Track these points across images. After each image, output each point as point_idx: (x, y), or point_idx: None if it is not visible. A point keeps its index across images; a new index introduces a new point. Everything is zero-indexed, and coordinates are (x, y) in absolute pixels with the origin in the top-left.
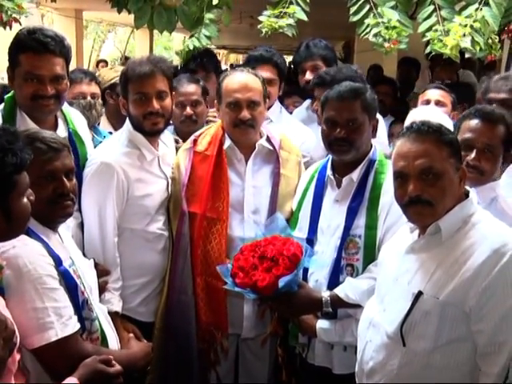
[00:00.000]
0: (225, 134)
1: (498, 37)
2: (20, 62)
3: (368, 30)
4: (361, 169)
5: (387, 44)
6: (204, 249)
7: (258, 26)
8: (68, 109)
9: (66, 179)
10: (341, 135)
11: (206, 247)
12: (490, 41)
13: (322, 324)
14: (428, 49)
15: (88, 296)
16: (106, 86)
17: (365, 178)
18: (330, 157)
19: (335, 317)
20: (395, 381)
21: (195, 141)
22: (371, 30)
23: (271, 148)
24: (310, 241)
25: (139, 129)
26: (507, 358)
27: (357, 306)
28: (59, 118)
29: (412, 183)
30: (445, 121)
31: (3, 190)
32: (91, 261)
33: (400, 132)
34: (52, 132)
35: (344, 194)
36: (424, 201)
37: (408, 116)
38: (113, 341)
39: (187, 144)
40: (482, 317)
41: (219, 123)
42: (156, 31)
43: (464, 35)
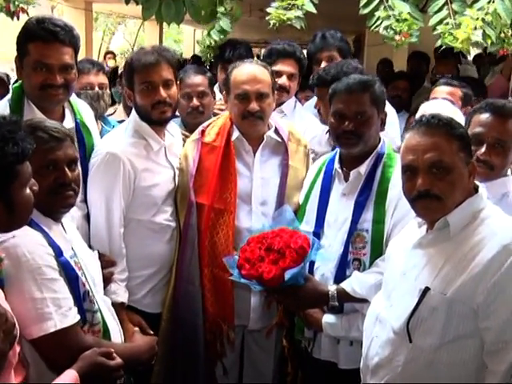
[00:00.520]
0: (233, 126)
1: (511, 30)
2: (29, 51)
3: (379, 23)
4: (369, 162)
5: (398, 37)
6: (211, 240)
7: (266, 18)
8: (75, 99)
9: (69, 169)
10: (349, 128)
11: (214, 238)
12: (503, 34)
13: (328, 318)
14: (438, 42)
15: (90, 288)
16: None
17: (373, 172)
18: (338, 150)
19: (341, 311)
20: (400, 377)
21: (203, 132)
22: (382, 23)
23: (279, 140)
24: (317, 234)
25: (147, 118)
26: None
27: (363, 301)
28: (66, 109)
29: (421, 177)
30: (456, 114)
31: (4, 181)
32: (95, 252)
33: (409, 125)
34: (55, 122)
35: (351, 188)
36: (433, 195)
37: (419, 110)
38: (116, 333)
39: (195, 135)
40: (490, 314)
41: (227, 114)
42: (166, 24)
43: (475, 28)
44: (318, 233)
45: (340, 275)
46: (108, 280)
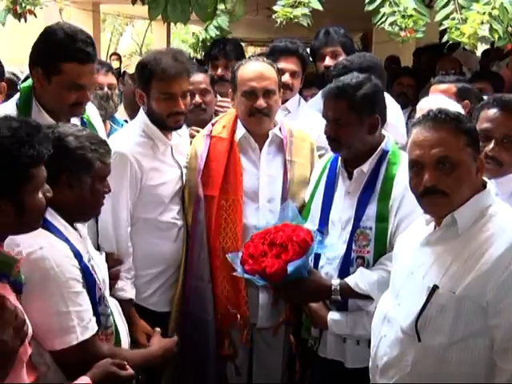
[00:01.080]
0: (238, 123)
1: None
2: (62, 70)
3: (384, 19)
4: (372, 160)
5: (403, 33)
6: (219, 236)
7: (273, 16)
8: None
9: None
10: (328, 133)
11: (221, 234)
12: (510, 29)
13: (334, 316)
14: (445, 38)
15: (103, 291)
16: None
17: (377, 170)
18: None
19: (346, 308)
20: (410, 377)
21: (212, 127)
22: (387, 19)
23: (283, 137)
24: (321, 233)
25: (160, 124)
26: None
27: (366, 297)
28: None
29: (427, 172)
30: (453, 107)
31: (17, 183)
32: (103, 254)
33: (416, 120)
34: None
35: (355, 186)
36: (439, 191)
37: (418, 105)
38: (124, 334)
39: (204, 131)
40: (500, 311)
41: (233, 111)
42: (173, 24)
43: (482, 23)
44: (322, 231)
45: (344, 273)
46: (115, 278)
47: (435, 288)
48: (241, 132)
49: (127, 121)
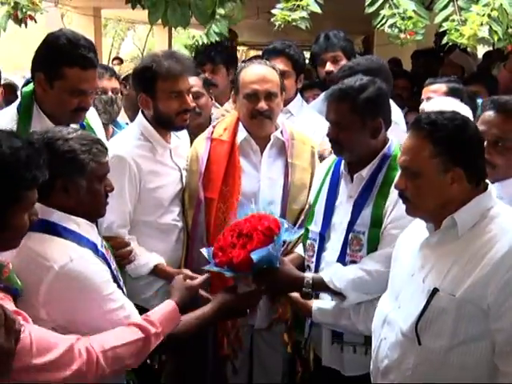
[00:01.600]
0: (239, 125)
1: None
2: (65, 76)
3: (383, 22)
4: (371, 165)
5: (403, 35)
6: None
7: (272, 19)
8: None
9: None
10: (330, 136)
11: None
12: (510, 30)
13: (319, 304)
14: (445, 39)
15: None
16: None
17: (376, 175)
18: None
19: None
20: (411, 380)
21: (212, 129)
22: (387, 21)
23: (284, 140)
24: (322, 236)
25: (167, 125)
26: None
27: (340, 294)
28: None
29: (399, 177)
30: (459, 108)
31: (7, 202)
32: None
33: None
34: None
35: (355, 190)
36: (404, 196)
37: (421, 107)
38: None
39: (205, 133)
40: (502, 314)
41: (235, 114)
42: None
43: (482, 24)
44: (324, 235)
45: None
46: (127, 259)
47: (435, 291)
48: (242, 134)
49: (128, 123)
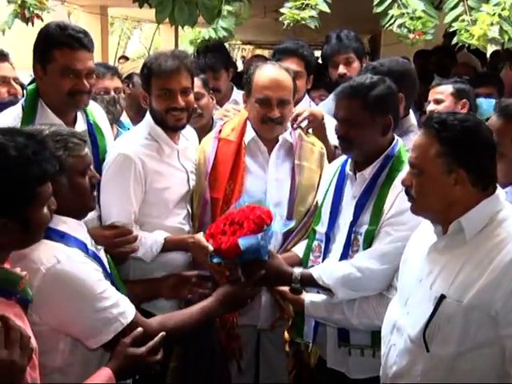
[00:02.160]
0: (248, 125)
1: None
2: (54, 58)
3: (392, 22)
4: (374, 165)
5: (412, 35)
6: None
7: (280, 18)
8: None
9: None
10: (339, 133)
11: None
12: None
13: (312, 297)
14: (454, 40)
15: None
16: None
17: (378, 175)
18: None
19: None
20: None
21: (220, 129)
22: (395, 21)
23: (292, 142)
24: (328, 237)
25: (161, 123)
26: None
27: (329, 290)
28: (78, 112)
29: (406, 174)
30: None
31: (23, 202)
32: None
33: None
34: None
35: (358, 190)
36: (409, 193)
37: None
38: None
39: (213, 133)
40: (511, 320)
41: (244, 113)
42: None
43: (492, 24)
44: (329, 235)
45: None
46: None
47: (443, 298)
48: (250, 135)
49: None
